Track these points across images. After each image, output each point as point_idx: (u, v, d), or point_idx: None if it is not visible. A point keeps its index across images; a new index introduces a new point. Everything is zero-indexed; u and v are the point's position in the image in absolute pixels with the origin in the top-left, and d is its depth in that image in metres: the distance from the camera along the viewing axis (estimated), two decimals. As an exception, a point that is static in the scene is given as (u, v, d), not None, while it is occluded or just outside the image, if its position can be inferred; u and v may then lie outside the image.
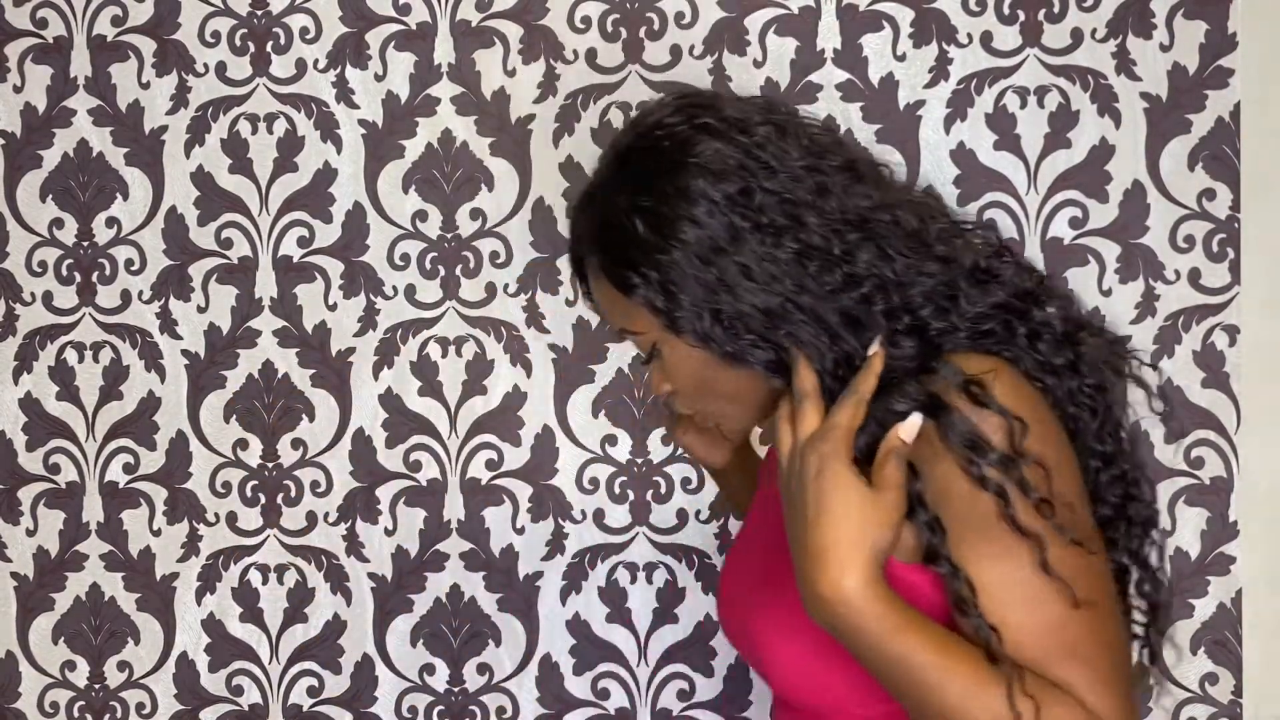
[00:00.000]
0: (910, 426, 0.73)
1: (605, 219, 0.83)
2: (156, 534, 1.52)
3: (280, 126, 1.48)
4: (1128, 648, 0.73)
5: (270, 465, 1.50)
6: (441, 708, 1.48)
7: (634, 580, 1.45)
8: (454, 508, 1.47)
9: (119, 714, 1.54)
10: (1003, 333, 0.79)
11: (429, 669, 1.49)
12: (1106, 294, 1.37)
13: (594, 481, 1.45)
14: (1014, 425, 0.72)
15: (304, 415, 1.49)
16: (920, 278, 0.78)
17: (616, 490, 1.45)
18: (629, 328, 0.85)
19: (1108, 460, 0.81)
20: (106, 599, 1.53)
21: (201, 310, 1.50)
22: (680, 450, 1.43)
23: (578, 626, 1.46)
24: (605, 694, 1.46)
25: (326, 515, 1.49)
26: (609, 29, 1.42)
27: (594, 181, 0.86)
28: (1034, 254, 1.36)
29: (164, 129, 1.50)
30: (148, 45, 1.50)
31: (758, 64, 1.40)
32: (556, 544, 1.46)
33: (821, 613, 0.71)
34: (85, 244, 1.51)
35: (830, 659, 0.80)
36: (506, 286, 1.45)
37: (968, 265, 0.81)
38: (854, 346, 0.77)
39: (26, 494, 1.54)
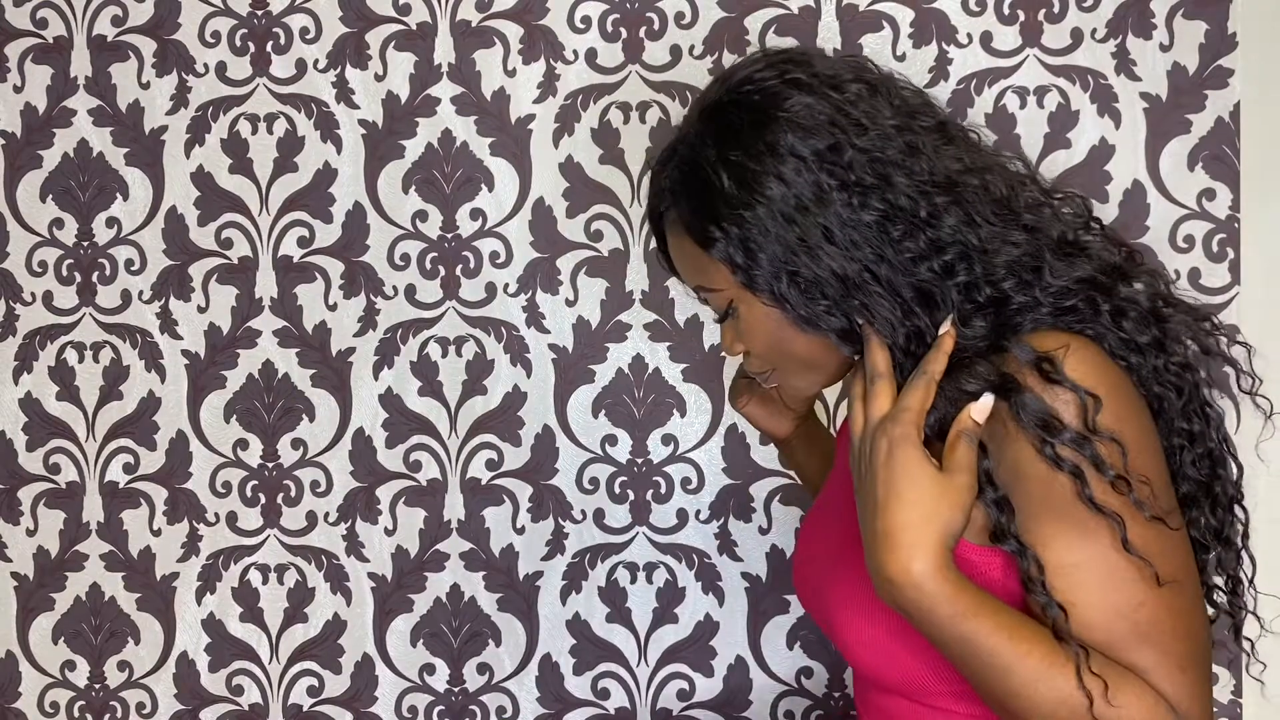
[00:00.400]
0: (982, 407, 0.72)
1: (690, 173, 0.81)
2: (156, 534, 1.52)
3: (280, 126, 1.48)
4: (1207, 630, 0.71)
5: (270, 465, 1.50)
6: (441, 708, 1.48)
7: (634, 580, 1.45)
8: (454, 508, 1.47)
9: (119, 714, 1.54)
10: (1086, 309, 0.77)
11: (429, 669, 1.49)
12: (1106, 294, 1.36)
13: (594, 481, 1.45)
14: (1086, 401, 0.70)
15: (304, 415, 1.49)
16: (1005, 246, 0.77)
17: (616, 490, 1.45)
18: (705, 284, 0.84)
19: (1193, 439, 0.80)
20: (106, 599, 1.53)
21: (201, 310, 1.50)
22: (680, 450, 1.43)
23: (578, 626, 1.46)
24: (605, 694, 1.46)
25: (326, 515, 1.49)
26: (609, 29, 1.42)
27: (678, 137, 0.85)
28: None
29: (164, 129, 1.50)
30: (148, 45, 1.50)
31: (758, 64, 1.40)
32: (556, 544, 1.46)
33: (890, 595, 0.71)
34: (85, 244, 1.51)
35: (908, 638, 0.79)
36: (506, 286, 1.45)
37: (1054, 236, 0.79)
38: (926, 324, 0.76)
39: (26, 494, 1.54)
